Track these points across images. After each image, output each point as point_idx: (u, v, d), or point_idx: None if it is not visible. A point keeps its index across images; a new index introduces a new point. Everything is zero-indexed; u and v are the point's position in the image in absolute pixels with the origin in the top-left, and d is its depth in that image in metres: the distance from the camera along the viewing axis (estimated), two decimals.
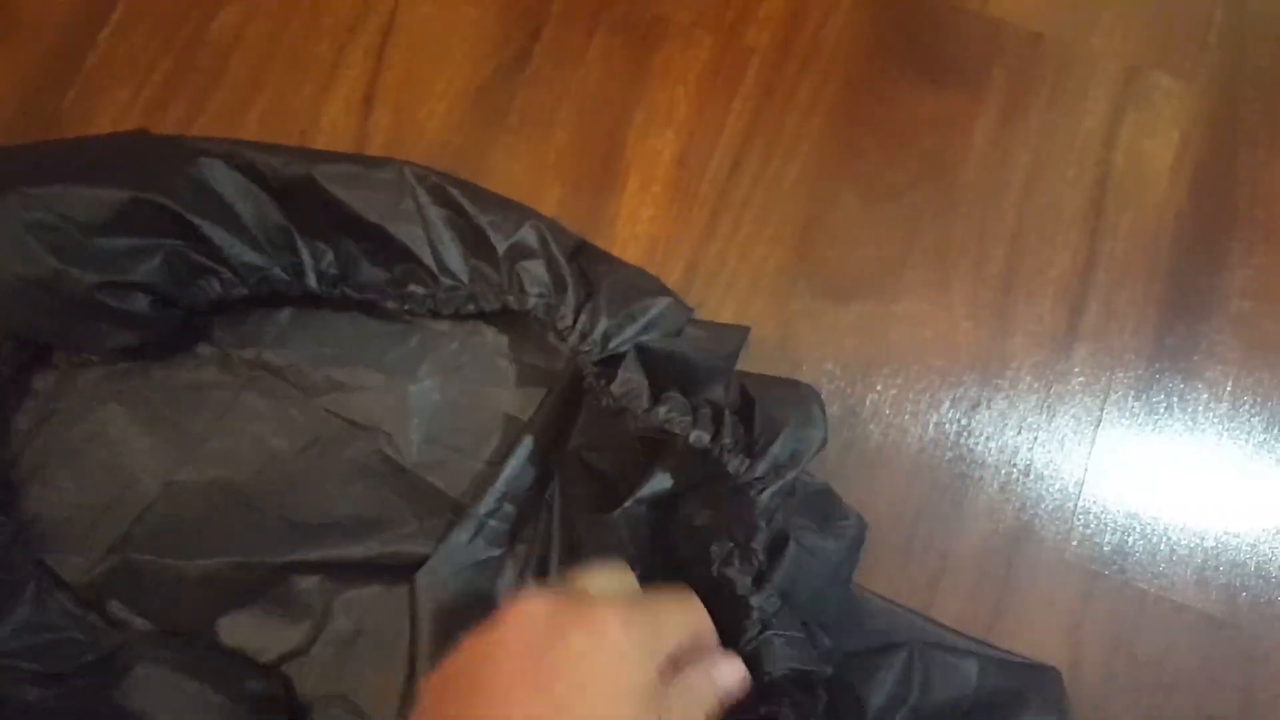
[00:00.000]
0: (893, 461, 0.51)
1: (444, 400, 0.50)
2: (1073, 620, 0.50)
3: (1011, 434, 0.52)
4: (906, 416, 0.51)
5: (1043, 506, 0.51)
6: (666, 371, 0.46)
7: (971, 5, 0.55)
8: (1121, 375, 0.53)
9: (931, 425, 0.52)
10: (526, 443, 0.49)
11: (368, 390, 0.50)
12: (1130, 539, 0.51)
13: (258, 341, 0.50)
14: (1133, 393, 0.52)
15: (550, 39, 0.55)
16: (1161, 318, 0.53)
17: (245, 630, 0.47)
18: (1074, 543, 0.51)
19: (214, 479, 0.49)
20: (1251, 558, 0.51)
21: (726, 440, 0.44)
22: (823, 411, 0.45)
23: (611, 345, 0.46)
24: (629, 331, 0.46)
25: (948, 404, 0.52)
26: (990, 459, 0.51)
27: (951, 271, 0.53)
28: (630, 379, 0.45)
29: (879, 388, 0.52)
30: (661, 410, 0.45)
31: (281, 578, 0.48)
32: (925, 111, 0.54)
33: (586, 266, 0.49)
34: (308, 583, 0.48)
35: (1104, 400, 0.52)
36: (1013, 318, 0.53)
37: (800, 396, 0.45)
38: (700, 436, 0.44)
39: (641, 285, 0.48)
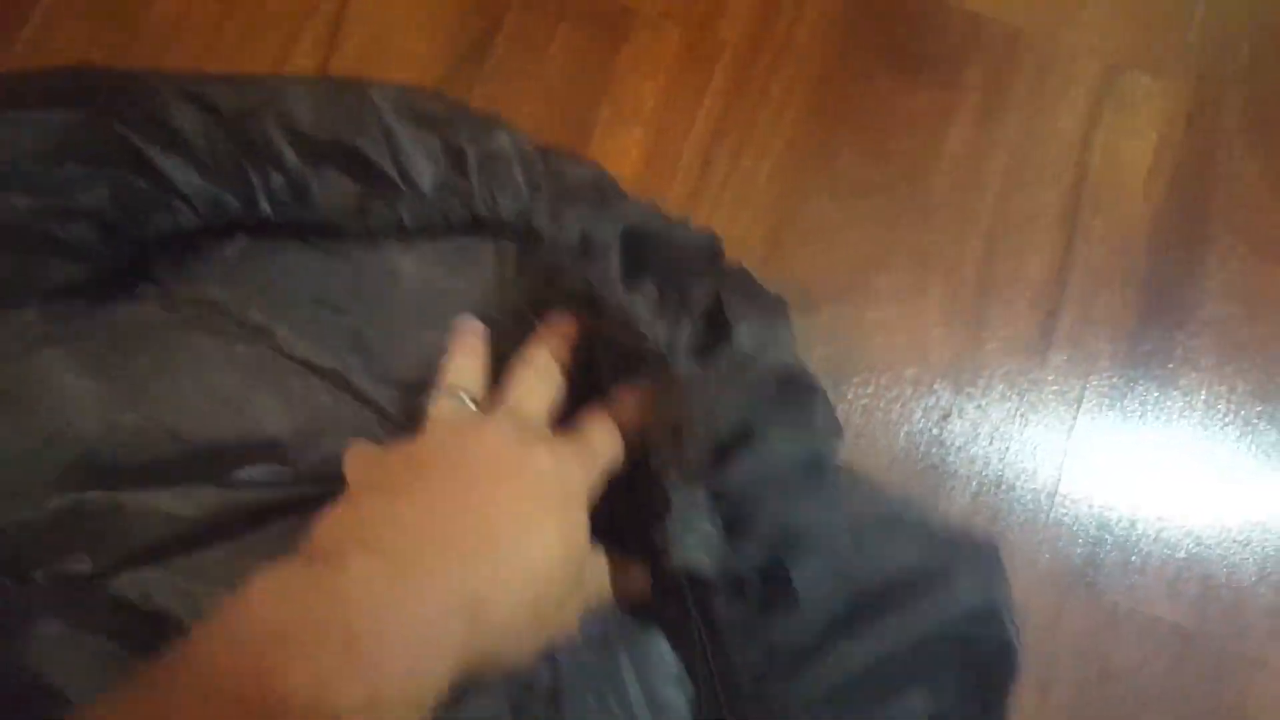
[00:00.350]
0: (863, 473, 0.50)
1: (393, 335, 0.48)
2: (1044, 633, 0.50)
3: (984, 444, 0.51)
4: (877, 427, 0.50)
5: (1014, 518, 0.50)
6: (645, 259, 0.44)
7: (948, 1, 0.54)
8: (1095, 382, 0.52)
9: (903, 435, 0.50)
10: None
11: (319, 325, 0.48)
12: (1102, 551, 0.50)
13: (204, 278, 0.48)
14: (1107, 401, 0.52)
15: (512, 28, 0.53)
16: (1137, 324, 0.52)
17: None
18: (1046, 555, 0.50)
19: (157, 420, 0.45)
20: (1222, 568, 0.51)
21: (684, 339, 0.42)
22: (789, 328, 0.43)
23: (591, 238, 0.45)
24: (607, 225, 0.45)
25: (919, 414, 0.51)
26: (962, 470, 0.50)
27: (926, 276, 0.52)
28: (610, 267, 0.44)
29: (849, 397, 0.50)
30: (634, 300, 0.43)
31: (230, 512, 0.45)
32: (900, 109, 0.52)
33: (559, 167, 0.47)
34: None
35: (1077, 409, 0.51)
36: (987, 323, 0.51)
37: (773, 310, 0.43)
38: (657, 337, 0.42)
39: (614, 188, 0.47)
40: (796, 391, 0.41)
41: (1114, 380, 0.52)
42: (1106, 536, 0.51)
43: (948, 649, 0.41)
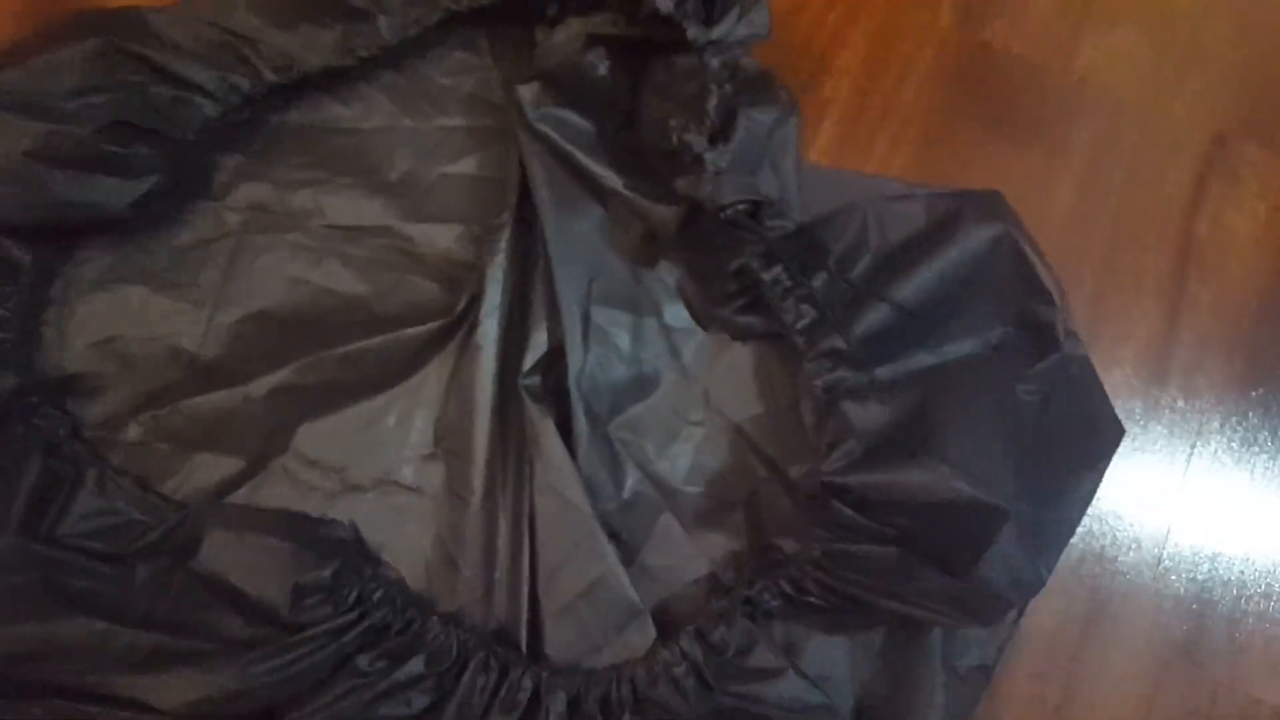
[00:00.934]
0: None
1: (413, 176, 0.52)
2: (1141, 705, 0.48)
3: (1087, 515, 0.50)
4: None
5: (1116, 588, 0.49)
6: None
7: (1055, 65, 0.54)
8: (1201, 451, 0.51)
9: None
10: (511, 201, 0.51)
11: (347, 192, 0.51)
12: (1205, 626, 0.49)
13: (234, 189, 0.51)
14: (1213, 471, 0.50)
15: None
16: (1244, 394, 0.51)
17: (320, 437, 0.49)
18: (1147, 626, 0.49)
19: (243, 315, 0.50)
20: None
21: (689, 6, 0.46)
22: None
23: None
24: None
25: None
26: None
27: None
28: None
29: None
30: None
31: (345, 367, 0.49)
32: (1005, 171, 0.52)
33: None
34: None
35: (1183, 478, 0.50)
36: None
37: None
38: (665, 3, 0.46)
39: None
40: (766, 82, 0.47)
41: (1220, 450, 0.51)
42: (1210, 612, 0.49)
43: (976, 278, 0.46)
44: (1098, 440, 0.47)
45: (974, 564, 0.40)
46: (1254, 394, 0.51)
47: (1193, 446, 0.50)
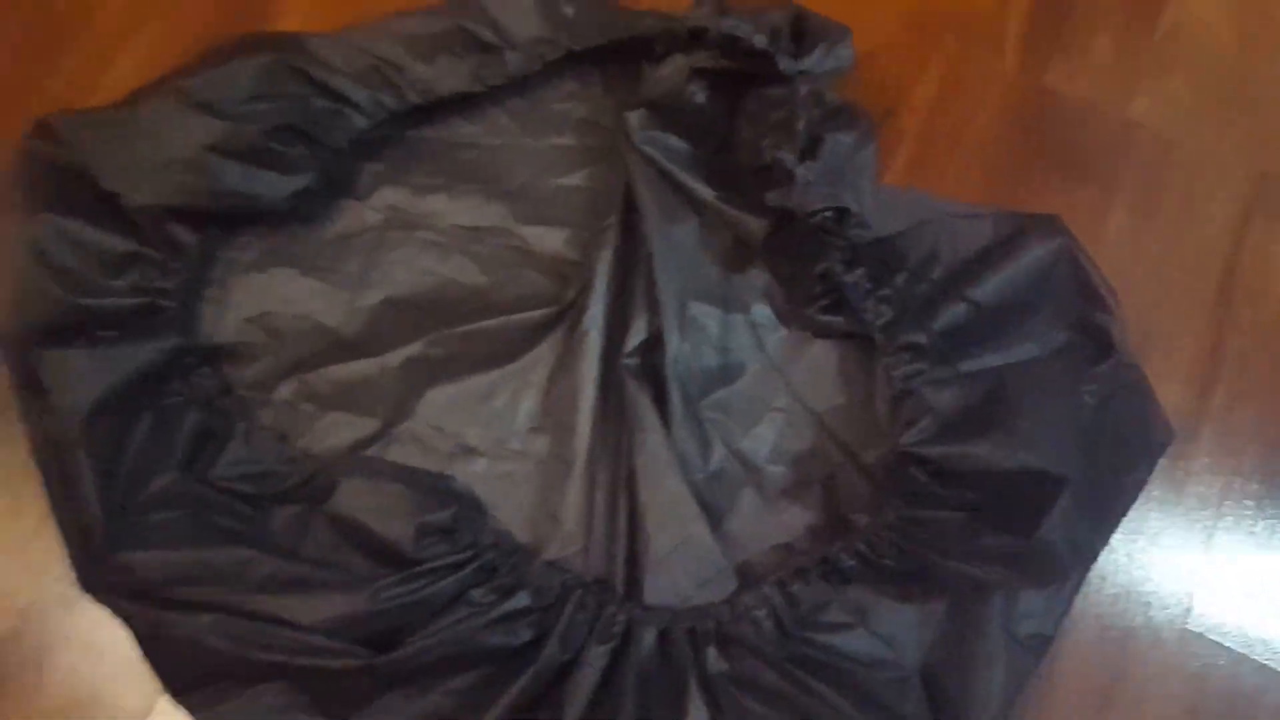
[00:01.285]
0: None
1: (526, 186, 0.59)
2: None
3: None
4: None
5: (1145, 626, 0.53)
6: None
7: (1110, 108, 0.60)
8: (1240, 484, 0.55)
9: None
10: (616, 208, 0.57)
11: (472, 199, 0.58)
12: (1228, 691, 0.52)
13: (375, 192, 0.58)
14: (1252, 503, 0.55)
15: None
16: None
17: (442, 407, 0.55)
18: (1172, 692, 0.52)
19: (381, 299, 0.56)
20: None
21: (781, 42, 0.53)
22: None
23: None
24: None
25: None
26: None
27: None
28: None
29: None
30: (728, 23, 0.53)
31: (467, 344, 0.55)
32: (1061, 202, 0.57)
33: None
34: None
35: (1218, 512, 0.55)
36: None
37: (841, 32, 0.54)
38: (760, 39, 0.52)
39: None
40: (848, 112, 0.54)
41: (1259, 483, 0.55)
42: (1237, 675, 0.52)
43: (1039, 286, 0.52)
44: (1150, 439, 0.52)
45: (1036, 527, 0.45)
46: None
47: (1230, 479, 0.55)
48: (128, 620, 0.49)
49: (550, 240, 0.57)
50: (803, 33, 0.53)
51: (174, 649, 0.48)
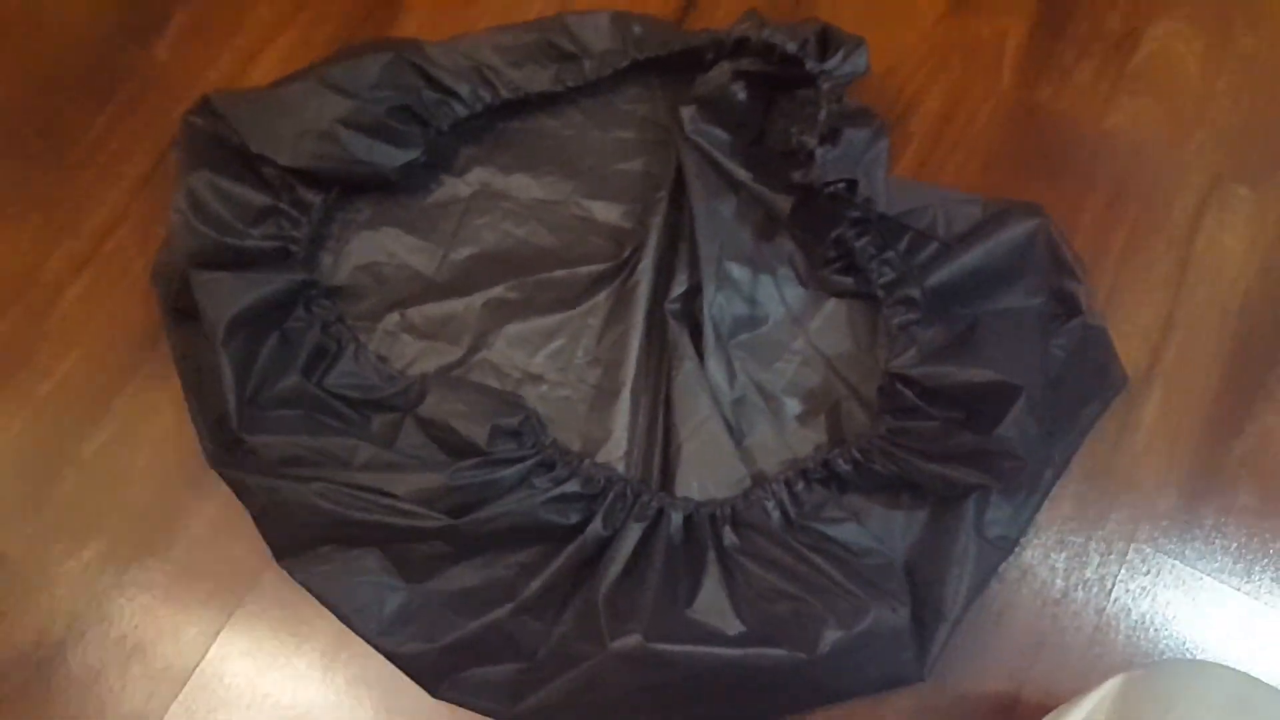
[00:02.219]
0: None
1: (593, 168, 0.69)
2: None
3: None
4: None
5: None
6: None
7: (1088, 120, 0.70)
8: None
9: None
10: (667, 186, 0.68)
11: (548, 177, 0.69)
12: None
13: (468, 170, 0.69)
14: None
15: None
16: (1226, 372, 0.65)
17: (515, 340, 0.65)
18: None
19: (468, 254, 0.67)
20: None
21: (809, 48, 0.63)
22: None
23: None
24: None
25: None
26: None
27: None
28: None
29: None
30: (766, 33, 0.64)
31: (538, 290, 0.66)
32: (1043, 194, 0.66)
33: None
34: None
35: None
36: None
37: (858, 42, 0.63)
38: (791, 46, 0.63)
39: None
40: (864, 112, 0.63)
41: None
42: None
43: (1019, 256, 0.62)
44: (1107, 381, 0.61)
45: (995, 425, 0.54)
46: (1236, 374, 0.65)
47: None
48: (247, 493, 0.60)
49: (610, 213, 0.68)
50: (826, 42, 0.64)
51: (285, 514, 0.58)
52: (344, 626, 0.58)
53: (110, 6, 0.73)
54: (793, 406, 0.63)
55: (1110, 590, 0.60)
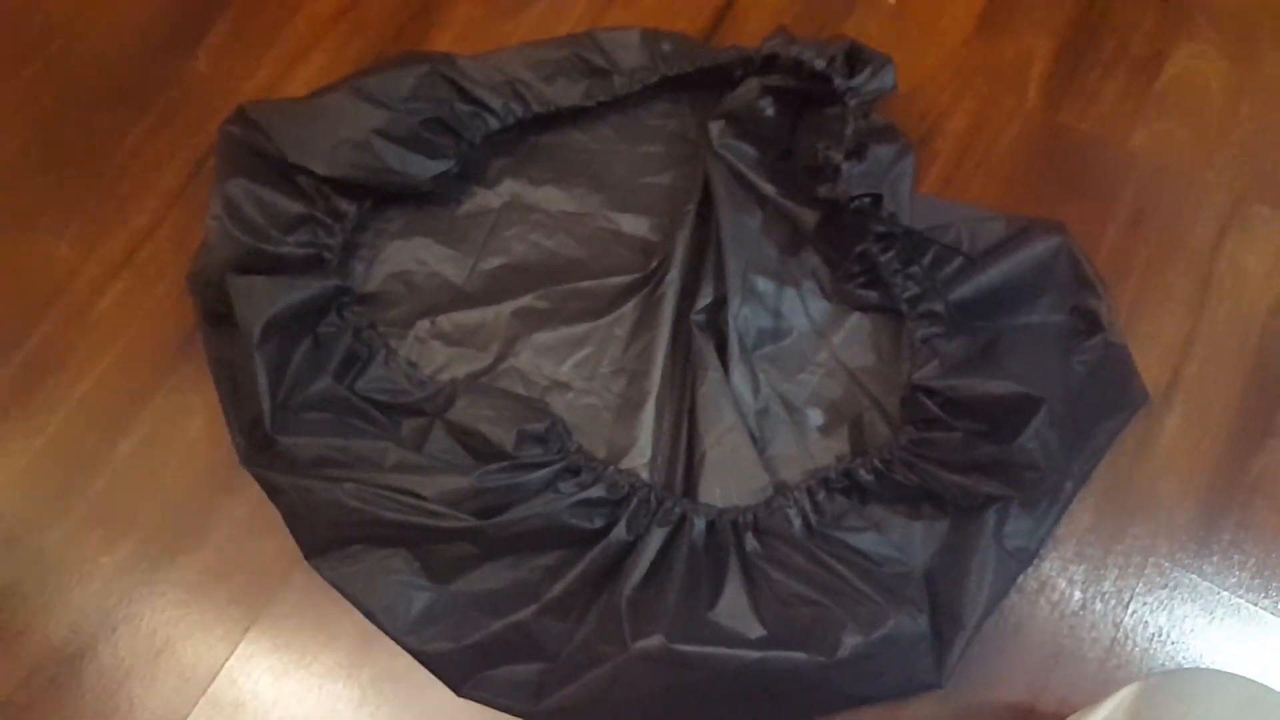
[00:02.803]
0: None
1: (618, 182, 0.70)
2: None
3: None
4: None
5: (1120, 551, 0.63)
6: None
7: (1112, 141, 0.71)
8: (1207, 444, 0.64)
9: None
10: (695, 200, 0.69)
11: (577, 190, 0.70)
12: None
13: (499, 182, 0.71)
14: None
15: None
16: (1245, 390, 0.65)
17: (542, 349, 0.66)
18: None
19: (498, 264, 0.69)
20: None
21: (836, 65, 0.64)
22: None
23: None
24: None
25: None
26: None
27: None
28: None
29: None
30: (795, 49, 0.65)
31: (566, 300, 0.67)
32: (1066, 215, 0.67)
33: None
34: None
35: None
36: None
37: (885, 60, 0.65)
38: (820, 63, 0.64)
39: None
40: (890, 129, 0.65)
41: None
42: None
43: (1041, 273, 0.63)
44: (1128, 397, 0.62)
45: (1017, 436, 0.55)
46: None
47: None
48: (278, 492, 0.61)
49: (638, 225, 0.69)
50: (855, 60, 0.65)
51: (316, 513, 0.59)
52: (370, 626, 0.59)
53: (150, 19, 0.75)
54: (815, 418, 0.64)
55: (1128, 603, 0.60)
